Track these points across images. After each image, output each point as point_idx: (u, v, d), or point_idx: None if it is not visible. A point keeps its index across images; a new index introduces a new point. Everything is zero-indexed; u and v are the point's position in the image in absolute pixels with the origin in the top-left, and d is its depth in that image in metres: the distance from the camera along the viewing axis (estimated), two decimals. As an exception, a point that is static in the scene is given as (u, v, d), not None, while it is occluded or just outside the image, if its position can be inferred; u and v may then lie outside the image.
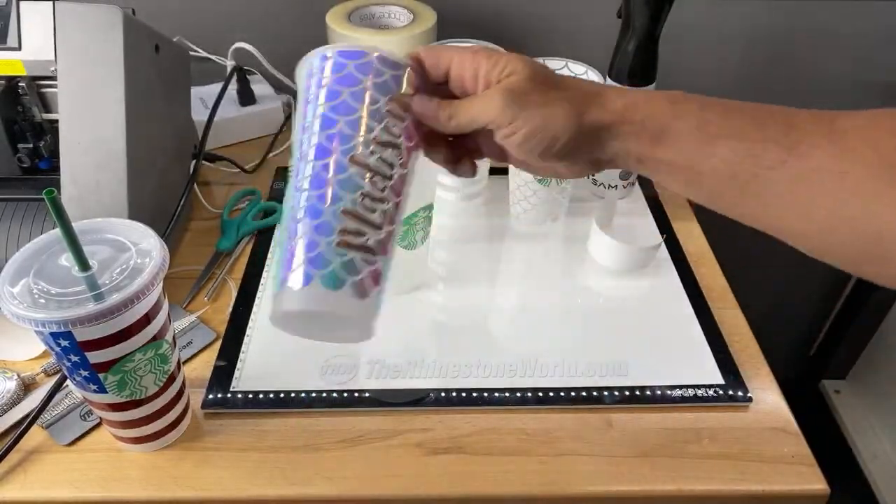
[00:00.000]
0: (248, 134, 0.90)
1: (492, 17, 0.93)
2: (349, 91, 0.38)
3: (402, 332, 0.62)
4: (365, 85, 0.38)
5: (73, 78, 0.59)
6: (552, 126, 0.37)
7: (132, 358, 0.45)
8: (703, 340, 0.62)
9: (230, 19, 0.93)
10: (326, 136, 0.37)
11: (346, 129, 0.37)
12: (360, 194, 0.36)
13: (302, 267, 0.35)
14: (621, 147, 0.38)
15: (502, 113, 0.37)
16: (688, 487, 0.51)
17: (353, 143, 0.37)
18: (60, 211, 0.40)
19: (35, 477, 0.51)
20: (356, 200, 0.36)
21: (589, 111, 0.37)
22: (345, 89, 0.38)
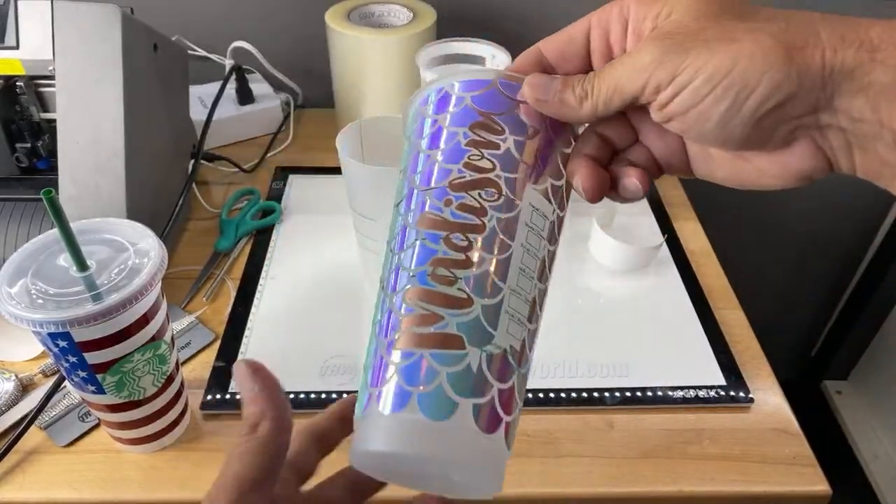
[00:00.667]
0: (246, 133, 0.90)
1: (492, 15, 0.93)
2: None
3: (402, 333, 0.62)
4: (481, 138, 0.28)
5: (72, 77, 0.59)
6: (741, 68, 0.24)
7: (131, 359, 0.45)
8: (705, 341, 0.62)
9: (229, 18, 0.93)
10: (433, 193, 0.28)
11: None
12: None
13: (395, 379, 0.26)
14: (869, 106, 0.23)
15: (658, 67, 0.25)
16: (689, 488, 0.51)
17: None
18: (58, 211, 0.40)
19: (33, 478, 0.50)
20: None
21: (808, 44, 0.24)
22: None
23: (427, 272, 0.27)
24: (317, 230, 0.74)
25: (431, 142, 0.29)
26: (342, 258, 0.69)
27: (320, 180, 0.82)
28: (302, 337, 0.62)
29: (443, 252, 0.27)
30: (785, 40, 0.24)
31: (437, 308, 0.26)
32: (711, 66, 0.24)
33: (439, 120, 0.29)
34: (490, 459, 0.26)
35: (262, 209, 0.76)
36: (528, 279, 0.27)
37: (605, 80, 0.27)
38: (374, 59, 0.80)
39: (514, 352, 0.26)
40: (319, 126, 0.92)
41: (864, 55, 0.23)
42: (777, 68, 0.24)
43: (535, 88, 0.28)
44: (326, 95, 0.91)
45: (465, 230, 0.27)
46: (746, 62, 0.24)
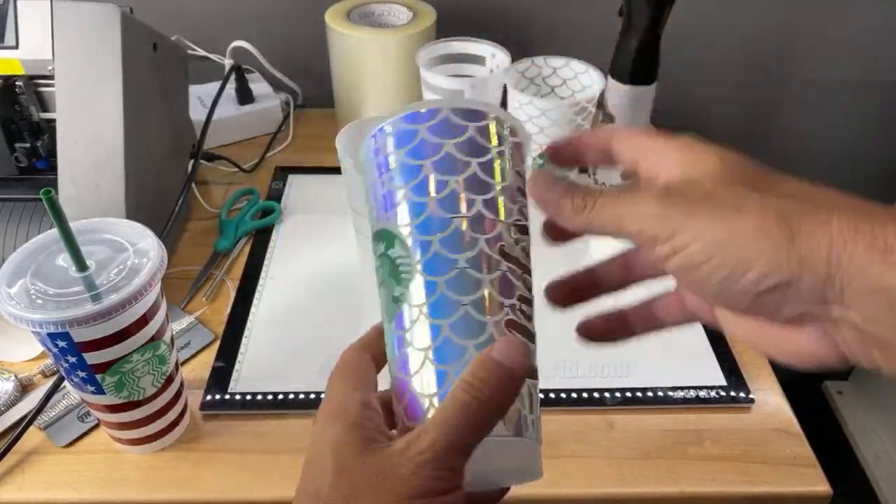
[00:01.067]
0: (246, 133, 0.90)
1: (492, 15, 0.93)
2: (437, 160, 0.29)
3: (402, 333, 0.62)
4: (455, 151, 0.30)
5: (71, 77, 0.59)
6: (739, 243, 0.23)
7: (130, 359, 0.45)
8: (705, 341, 0.62)
9: (228, 18, 0.93)
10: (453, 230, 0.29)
11: (487, 212, 0.29)
12: (518, 297, 0.29)
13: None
14: (889, 310, 0.22)
15: (659, 222, 0.25)
16: (690, 489, 0.51)
17: (497, 231, 0.29)
18: (58, 211, 0.40)
19: (33, 478, 0.50)
20: (515, 307, 0.29)
21: (816, 232, 0.22)
22: (426, 161, 0.30)
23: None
24: (316, 230, 0.74)
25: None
26: (342, 258, 0.69)
27: (320, 180, 0.82)
28: (302, 337, 0.62)
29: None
30: (792, 222, 0.23)
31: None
32: (710, 236, 0.24)
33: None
34: (527, 452, 0.28)
35: (261, 209, 0.76)
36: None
37: (606, 209, 0.27)
38: (374, 59, 0.80)
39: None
40: (319, 126, 0.92)
41: (875, 255, 0.21)
42: (775, 250, 0.23)
43: (538, 185, 0.29)
44: (326, 95, 0.91)
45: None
46: (745, 238, 0.23)
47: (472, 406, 0.26)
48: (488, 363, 0.26)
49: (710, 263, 0.24)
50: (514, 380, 0.26)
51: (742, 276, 0.23)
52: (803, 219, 0.23)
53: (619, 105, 0.72)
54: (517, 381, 0.27)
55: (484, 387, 0.26)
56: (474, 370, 0.26)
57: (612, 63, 0.73)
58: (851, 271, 0.22)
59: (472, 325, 0.28)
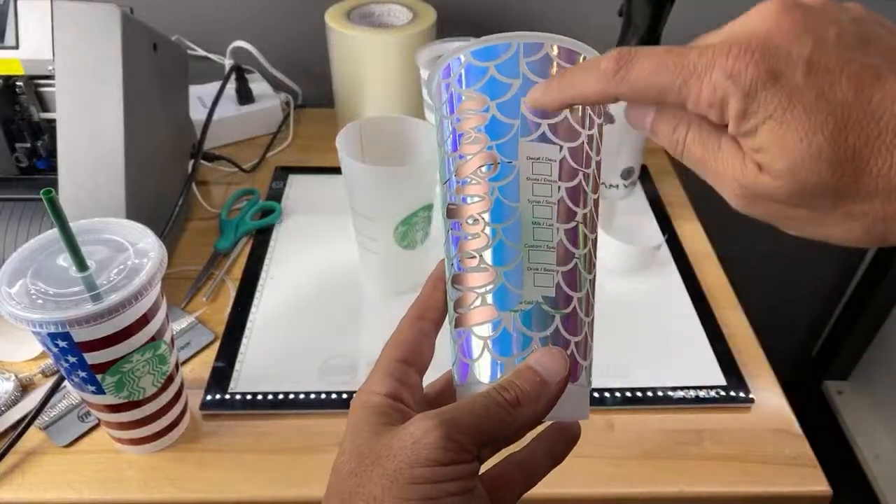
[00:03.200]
0: (246, 133, 0.90)
1: (492, 15, 0.93)
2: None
3: (402, 333, 0.62)
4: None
5: (71, 77, 0.59)
6: (824, 237, 0.25)
7: (130, 359, 0.45)
8: (705, 341, 0.62)
9: (228, 18, 0.93)
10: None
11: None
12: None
13: (457, 353, 0.30)
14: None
15: (730, 198, 0.25)
16: (689, 489, 0.51)
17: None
18: (58, 211, 0.40)
19: (33, 478, 0.50)
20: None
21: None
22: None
23: (459, 258, 0.30)
24: (317, 230, 0.74)
25: (440, 134, 0.31)
26: (342, 258, 0.69)
27: (320, 180, 0.82)
28: (302, 337, 0.62)
29: (464, 236, 0.29)
30: (880, 230, 0.23)
31: (469, 287, 0.29)
32: (790, 224, 0.25)
33: (441, 110, 0.31)
34: (577, 396, 0.29)
35: (261, 209, 0.76)
36: (546, 228, 0.28)
37: (650, 60, 0.25)
38: (374, 59, 0.80)
39: (550, 299, 0.28)
40: (319, 126, 0.92)
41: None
42: (863, 239, 0.24)
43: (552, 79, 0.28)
44: (326, 95, 0.91)
45: (475, 210, 0.29)
46: (835, 236, 0.24)
47: (500, 404, 0.26)
48: (526, 372, 0.27)
49: (776, 183, 0.23)
50: (549, 390, 0.27)
51: (801, 193, 0.23)
52: (889, 225, 0.23)
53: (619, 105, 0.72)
54: (551, 392, 0.27)
55: (516, 392, 0.27)
56: (512, 376, 0.27)
57: (612, 63, 0.73)
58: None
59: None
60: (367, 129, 0.61)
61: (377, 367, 0.30)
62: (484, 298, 0.29)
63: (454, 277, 0.30)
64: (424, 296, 0.32)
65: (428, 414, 0.26)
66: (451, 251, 0.30)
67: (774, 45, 0.23)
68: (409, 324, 0.32)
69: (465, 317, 0.29)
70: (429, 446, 0.25)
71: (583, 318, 0.29)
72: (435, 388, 0.33)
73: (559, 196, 0.29)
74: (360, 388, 0.30)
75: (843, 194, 0.23)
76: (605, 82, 0.26)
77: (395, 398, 0.29)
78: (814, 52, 0.22)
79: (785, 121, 0.22)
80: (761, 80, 0.22)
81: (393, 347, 0.31)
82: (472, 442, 0.26)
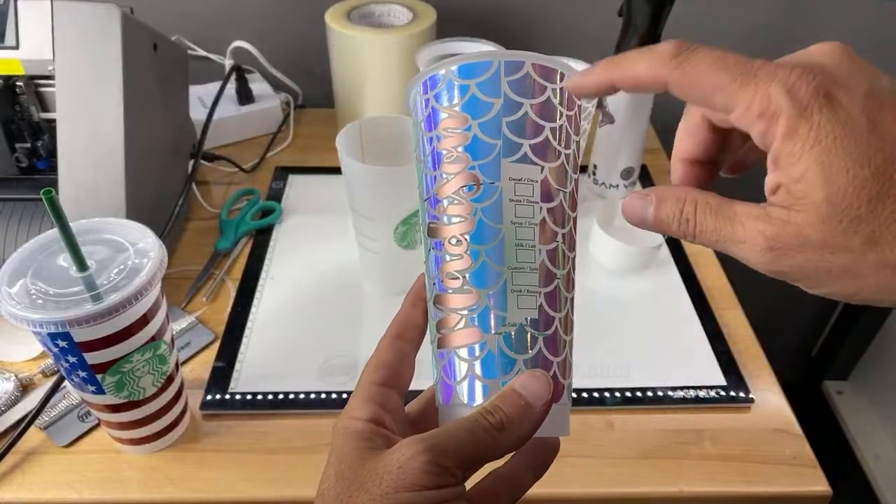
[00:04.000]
0: (246, 133, 0.90)
1: (492, 15, 0.93)
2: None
3: (402, 333, 0.62)
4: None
5: (71, 77, 0.59)
6: (856, 293, 0.24)
7: (130, 359, 0.45)
8: (705, 341, 0.62)
9: (228, 18, 0.93)
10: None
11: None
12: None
13: (440, 375, 0.30)
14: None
15: (758, 257, 0.24)
16: (689, 489, 0.51)
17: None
18: (58, 211, 0.40)
19: (33, 478, 0.50)
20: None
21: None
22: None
23: (440, 278, 0.29)
24: (317, 230, 0.74)
25: (419, 150, 0.31)
26: (342, 258, 0.69)
27: (320, 180, 0.82)
28: (302, 337, 0.62)
29: (446, 256, 0.29)
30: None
31: (452, 309, 0.29)
32: (820, 287, 0.24)
33: (420, 126, 0.31)
34: (558, 415, 0.29)
35: (261, 209, 0.76)
36: (529, 250, 0.28)
37: (705, 57, 0.24)
38: (374, 59, 0.80)
39: (533, 321, 0.28)
40: (319, 126, 0.92)
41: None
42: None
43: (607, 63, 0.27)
44: (326, 95, 0.91)
45: (458, 231, 0.29)
46: (864, 291, 0.23)
47: (484, 428, 0.26)
48: (510, 396, 0.27)
49: (810, 218, 0.22)
50: (533, 414, 0.27)
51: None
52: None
53: (619, 105, 0.72)
54: (536, 415, 0.27)
55: (500, 416, 0.27)
56: (496, 400, 0.27)
57: (612, 63, 0.73)
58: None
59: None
60: (367, 129, 0.61)
61: (357, 391, 0.30)
62: (468, 320, 0.28)
63: (436, 297, 0.29)
64: (403, 313, 0.32)
65: (413, 439, 0.26)
66: (433, 271, 0.30)
67: (836, 73, 0.23)
68: (388, 344, 0.31)
69: (448, 338, 0.29)
70: (414, 471, 0.25)
71: (563, 337, 0.29)
72: (416, 408, 0.33)
73: (541, 217, 0.28)
74: (342, 414, 0.30)
75: (879, 236, 0.22)
76: (659, 65, 0.25)
77: (376, 423, 0.29)
78: (872, 88, 0.23)
79: (834, 148, 0.22)
80: (819, 101, 0.22)
81: (372, 371, 0.31)
82: (458, 466, 0.26)
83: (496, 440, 0.26)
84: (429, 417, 0.32)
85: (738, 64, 0.23)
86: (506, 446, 0.27)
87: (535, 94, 0.29)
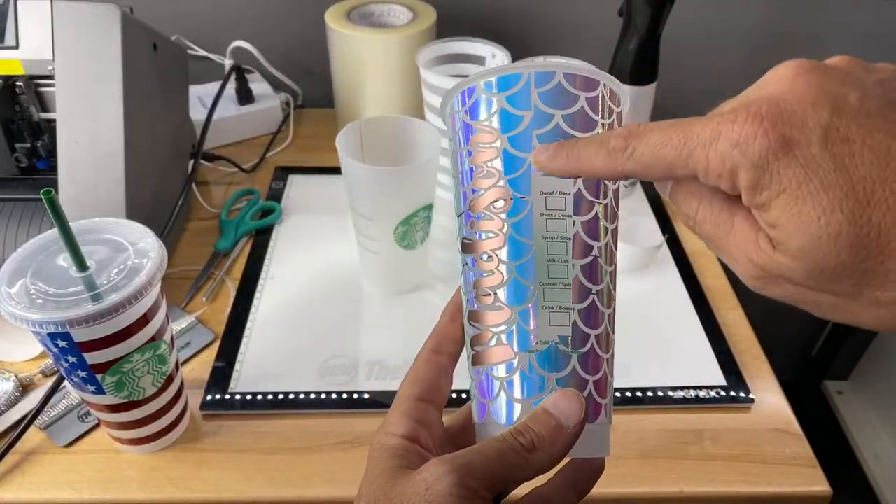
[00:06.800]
0: (246, 133, 0.90)
1: (492, 15, 0.93)
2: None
3: (402, 333, 0.62)
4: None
5: (71, 77, 0.59)
6: (852, 322, 0.23)
7: (130, 359, 0.45)
8: (705, 341, 0.62)
9: (228, 18, 0.93)
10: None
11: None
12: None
13: (475, 393, 0.30)
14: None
15: (748, 281, 0.24)
16: (689, 489, 0.51)
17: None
18: (58, 211, 0.40)
19: (33, 478, 0.50)
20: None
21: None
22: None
23: (474, 294, 0.29)
24: (317, 230, 0.74)
25: (454, 166, 0.31)
26: (342, 258, 0.69)
27: (320, 180, 0.82)
28: (302, 337, 0.62)
29: (479, 273, 0.29)
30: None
31: (485, 326, 0.29)
32: (805, 305, 0.23)
33: (454, 141, 0.30)
34: (597, 435, 0.28)
35: (261, 209, 0.76)
36: (561, 265, 0.28)
37: (656, 135, 0.24)
38: (374, 59, 0.80)
39: (566, 339, 0.28)
40: (319, 126, 0.92)
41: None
42: (883, 325, 0.22)
43: (557, 147, 0.27)
44: (326, 95, 0.91)
45: (489, 246, 0.28)
46: (852, 318, 0.22)
47: (514, 449, 0.26)
48: (541, 416, 0.27)
49: (792, 263, 0.21)
50: (564, 434, 0.27)
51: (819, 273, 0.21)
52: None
53: (619, 105, 0.72)
54: (567, 436, 0.27)
55: (531, 436, 0.26)
56: (528, 420, 0.27)
57: (612, 63, 0.73)
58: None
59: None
60: (367, 129, 0.61)
61: (395, 406, 0.30)
62: (499, 338, 0.28)
63: (470, 314, 0.29)
64: (441, 327, 0.32)
65: (442, 459, 0.26)
66: (468, 287, 0.29)
67: (788, 110, 0.21)
68: (425, 358, 0.31)
69: (481, 355, 0.29)
70: (441, 493, 0.25)
71: (601, 355, 0.29)
72: (457, 422, 0.33)
73: (574, 231, 0.28)
74: (378, 429, 0.29)
75: (868, 280, 0.20)
76: (614, 161, 0.25)
77: (412, 439, 0.29)
78: (832, 119, 0.20)
79: (800, 195, 0.20)
80: (772, 149, 0.20)
81: (410, 385, 0.30)
82: (486, 487, 0.25)
83: (527, 461, 0.26)
84: (469, 432, 0.32)
85: (680, 135, 0.23)
86: (536, 467, 0.26)
87: (567, 104, 0.28)
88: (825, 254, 0.20)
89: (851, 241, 0.20)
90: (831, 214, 0.20)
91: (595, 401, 0.28)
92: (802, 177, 0.20)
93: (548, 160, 0.27)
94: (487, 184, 0.28)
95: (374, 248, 0.62)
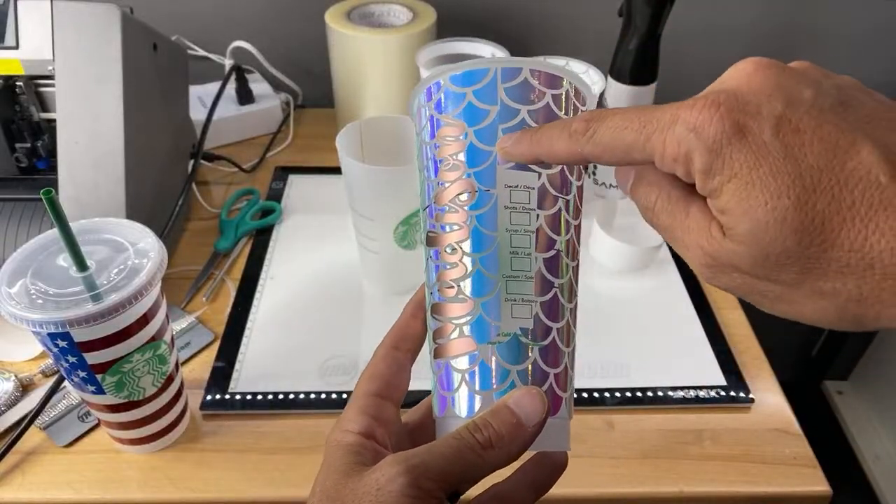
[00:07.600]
0: (246, 133, 0.90)
1: (492, 15, 0.93)
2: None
3: (402, 333, 0.62)
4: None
5: (71, 77, 0.59)
6: (797, 317, 0.23)
7: (130, 359, 0.45)
8: (705, 341, 0.62)
9: (228, 18, 0.93)
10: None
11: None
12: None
13: (436, 386, 0.29)
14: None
15: (698, 269, 0.24)
16: (689, 489, 0.51)
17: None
18: (58, 211, 0.40)
19: (33, 478, 0.50)
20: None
21: (885, 310, 0.21)
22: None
23: (437, 287, 0.29)
24: (317, 230, 0.74)
25: (420, 159, 0.31)
26: (342, 258, 0.69)
27: (320, 180, 0.82)
28: (302, 337, 0.62)
29: (443, 265, 0.29)
30: (857, 305, 0.21)
31: (447, 318, 0.29)
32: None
33: (421, 135, 0.31)
34: (557, 429, 0.29)
35: (261, 209, 0.76)
36: (524, 258, 0.28)
37: (616, 120, 0.24)
38: (374, 59, 0.80)
39: (527, 331, 0.28)
40: (319, 126, 0.92)
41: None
42: (834, 322, 0.22)
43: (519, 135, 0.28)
44: (326, 95, 0.91)
45: (454, 239, 0.28)
46: (807, 316, 0.22)
47: (471, 446, 0.26)
48: (502, 412, 0.27)
49: (739, 248, 0.22)
50: (524, 432, 0.26)
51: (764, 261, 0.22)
52: (865, 307, 0.21)
53: (619, 105, 0.72)
54: (527, 434, 0.26)
55: (489, 432, 0.26)
56: (487, 415, 0.27)
57: (612, 63, 0.73)
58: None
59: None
60: (367, 129, 0.61)
61: (351, 402, 0.30)
62: (462, 330, 0.28)
63: (433, 307, 0.29)
64: (401, 323, 0.32)
65: (396, 457, 0.26)
66: (431, 280, 0.30)
67: (744, 100, 0.22)
68: (383, 354, 0.31)
69: (443, 348, 0.29)
70: (393, 494, 0.25)
71: (563, 348, 0.29)
72: (415, 418, 0.33)
73: (537, 224, 0.28)
74: (335, 425, 0.29)
75: (810, 268, 0.21)
76: (574, 143, 0.25)
77: (367, 436, 0.28)
78: (786, 110, 0.21)
79: (750, 180, 0.21)
80: (726, 134, 0.21)
81: (367, 381, 0.30)
82: (439, 487, 0.25)
83: (482, 459, 0.26)
84: (427, 428, 0.32)
85: (640, 119, 0.23)
86: (492, 465, 0.26)
87: (534, 100, 0.28)
88: (771, 238, 0.21)
89: (796, 227, 0.20)
90: (778, 200, 0.21)
91: (555, 394, 0.28)
92: (753, 162, 0.21)
93: (511, 146, 0.28)
94: (453, 177, 0.29)
95: (374, 248, 0.62)
